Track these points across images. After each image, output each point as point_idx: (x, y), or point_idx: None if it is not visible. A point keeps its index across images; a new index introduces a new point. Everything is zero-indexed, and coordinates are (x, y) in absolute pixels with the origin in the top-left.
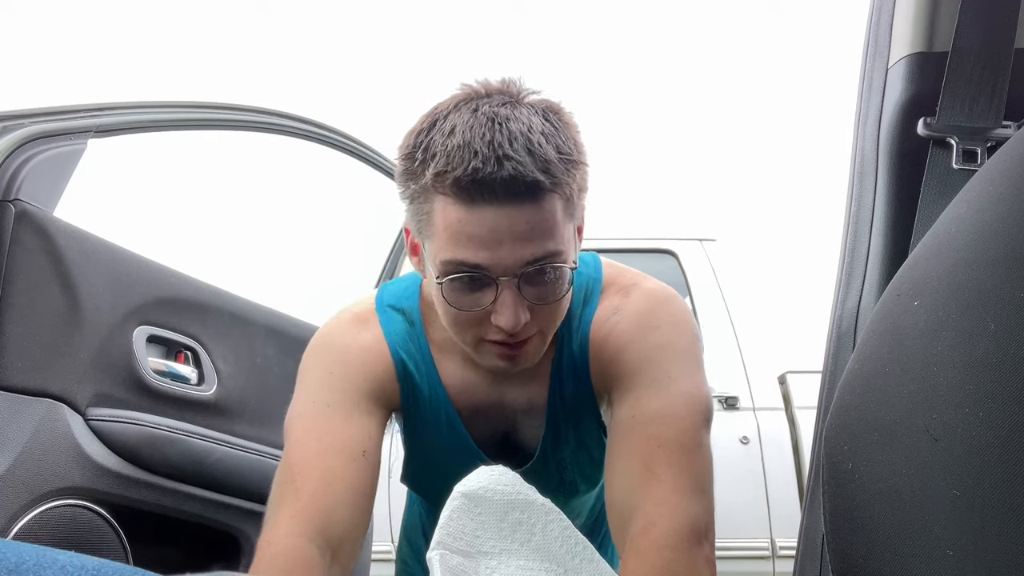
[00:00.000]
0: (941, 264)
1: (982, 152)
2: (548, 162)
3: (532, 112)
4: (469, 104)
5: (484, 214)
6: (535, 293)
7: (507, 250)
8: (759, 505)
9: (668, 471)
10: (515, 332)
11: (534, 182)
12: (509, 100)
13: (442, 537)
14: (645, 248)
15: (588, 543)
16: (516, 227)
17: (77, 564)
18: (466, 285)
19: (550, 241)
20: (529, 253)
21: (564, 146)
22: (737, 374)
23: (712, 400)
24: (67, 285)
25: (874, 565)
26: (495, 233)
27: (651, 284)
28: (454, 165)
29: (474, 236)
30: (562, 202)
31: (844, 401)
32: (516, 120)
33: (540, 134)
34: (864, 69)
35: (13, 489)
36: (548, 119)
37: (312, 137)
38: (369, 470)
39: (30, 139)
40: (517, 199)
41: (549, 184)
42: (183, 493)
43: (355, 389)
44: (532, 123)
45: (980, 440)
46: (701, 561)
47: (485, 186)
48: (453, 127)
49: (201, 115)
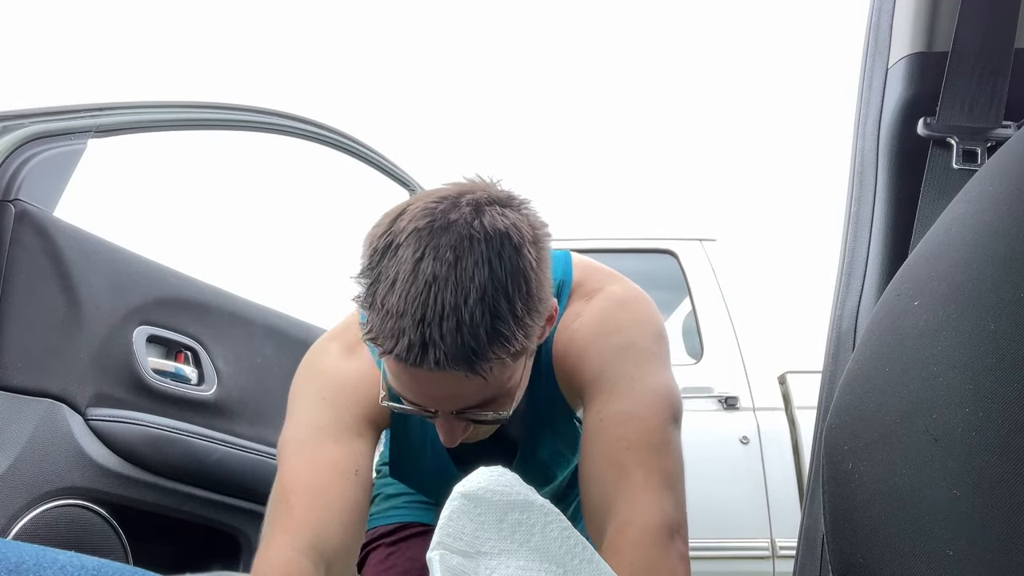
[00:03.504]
0: (941, 264)
1: (982, 152)
2: (477, 346)
3: (480, 262)
4: (419, 242)
5: (415, 376)
6: (475, 418)
7: (438, 402)
8: (759, 505)
9: (639, 471)
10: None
11: (455, 371)
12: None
13: (442, 537)
14: (645, 248)
15: (588, 543)
16: (446, 390)
17: (77, 564)
18: (409, 405)
19: (481, 396)
20: (461, 404)
21: (505, 310)
22: (737, 374)
23: (679, 397)
24: (67, 285)
25: (874, 565)
26: (427, 389)
27: (615, 287)
28: (385, 338)
29: (408, 387)
30: (498, 366)
31: (844, 401)
32: (455, 287)
33: (478, 306)
34: (864, 69)
35: (13, 489)
36: (501, 261)
37: (312, 137)
38: (361, 488)
39: (30, 139)
40: (446, 371)
41: (473, 370)
42: (183, 493)
43: (347, 412)
44: (472, 289)
45: (980, 440)
46: (675, 557)
47: (412, 361)
48: (394, 280)
49: (201, 115)
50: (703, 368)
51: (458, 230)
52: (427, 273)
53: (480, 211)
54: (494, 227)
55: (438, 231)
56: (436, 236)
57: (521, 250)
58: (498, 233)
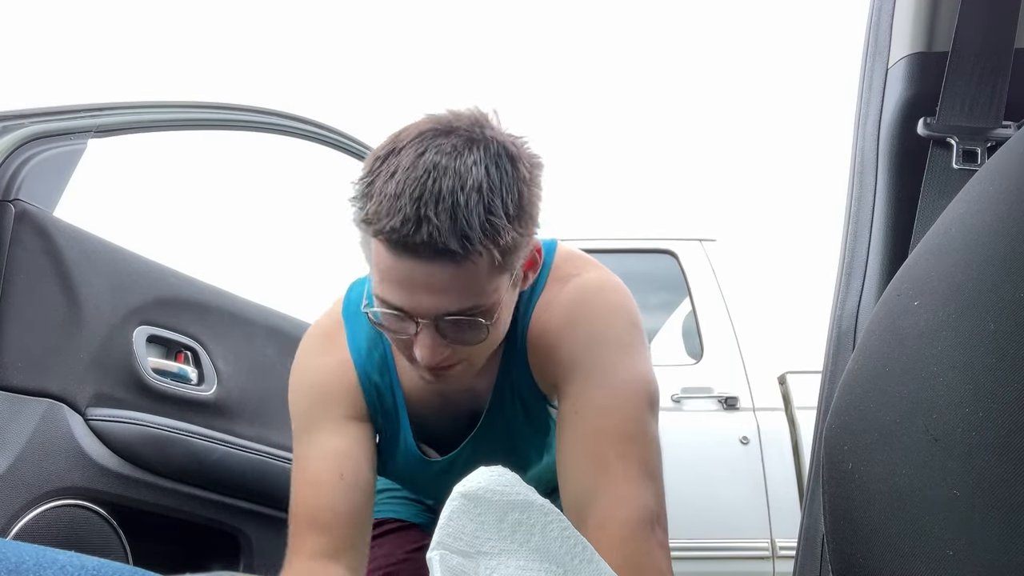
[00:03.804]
0: (941, 264)
1: (982, 152)
2: (470, 229)
3: (479, 161)
4: (422, 142)
5: (405, 265)
6: (455, 336)
7: (425, 300)
8: (759, 505)
9: (617, 462)
10: (434, 366)
11: (446, 249)
12: (465, 142)
13: (442, 537)
14: (645, 248)
15: (588, 543)
16: (433, 282)
17: (77, 564)
18: (392, 318)
19: (469, 297)
20: (446, 305)
21: (499, 206)
22: (737, 374)
23: (655, 384)
24: (67, 285)
25: (874, 565)
26: (413, 284)
27: (589, 275)
28: (380, 216)
29: (395, 282)
30: (487, 264)
31: (844, 401)
32: (454, 174)
33: (474, 193)
34: (864, 69)
35: (13, 489)
36: (498, 168)
37: (312, 137)
38: (346, 489)
39: (30, 139)
40: (436, 258)
41: (464, 251)
42: (183, 493)
43: (328, 415)
44: (469, 179)
45: (980, 440)
46: (655, 546)
47: (404, 244)
48: (395, 171)
49: (201, 115)
50: (703, 368)
51: (460, 134)
52: (428, 163)
53: (482, 125)
54: (494, 138)
55: (441, 133)
56: (439, 137)
57: (517, 164)
58: (497, 143)
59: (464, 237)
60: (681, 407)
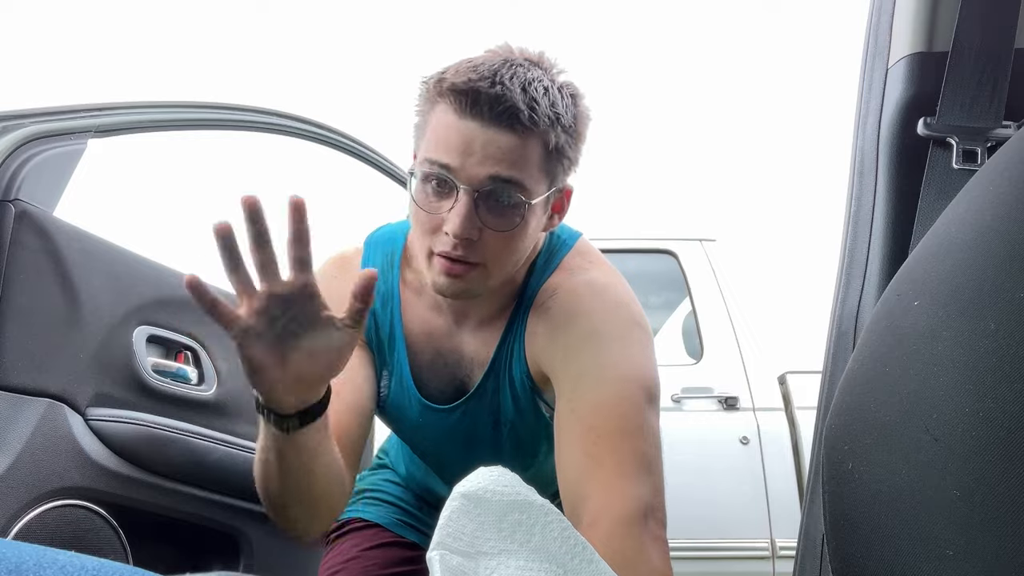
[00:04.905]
0: (941, 264)
1: (982, 152)
2: (536, 104)
3: (550, 79)
4: (500, 55)
5: (467, 125)
6: (489, 215)
7: (475, 161)
8: (759, 505)
9: (611, 458)
10: (461, 240)
11: (515, 109)
12: (534, 64)
13: (442, 537)
14: (645, 248)
15: (587, 543)
16: (489, 145)
17: (77, 564)
18: (432, 189)
19: (515, 170)
20: (493, 170)
21: (560, 110)
22: (737, 374)
23: (655, 378)
24: (67, 285)
25: (874, 565)
26: (470, 144)
27: (595, 273)
28: (459, 75)
29: (452, 141)
30: (541, 149)
31: (844, 401)
32: (530, 71)
33: (543, 88)
34: (864, 69)
35: (13, 489)
36: (561, 91)
37: (312, 137)
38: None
39: (30, 139)
40: (498, 122)
41: (528, 119)
42: (183, 493)
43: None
44: (542, 80)
45: (980, 440)
46: (648, 540)
47: (474, 98)
48: (473, 59)
49: (201, 115)
50: (703, 368)
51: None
52: (508, 59)
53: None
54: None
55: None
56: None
57: (578, 99)
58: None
59: (531, 107)
60: (681, 407)
